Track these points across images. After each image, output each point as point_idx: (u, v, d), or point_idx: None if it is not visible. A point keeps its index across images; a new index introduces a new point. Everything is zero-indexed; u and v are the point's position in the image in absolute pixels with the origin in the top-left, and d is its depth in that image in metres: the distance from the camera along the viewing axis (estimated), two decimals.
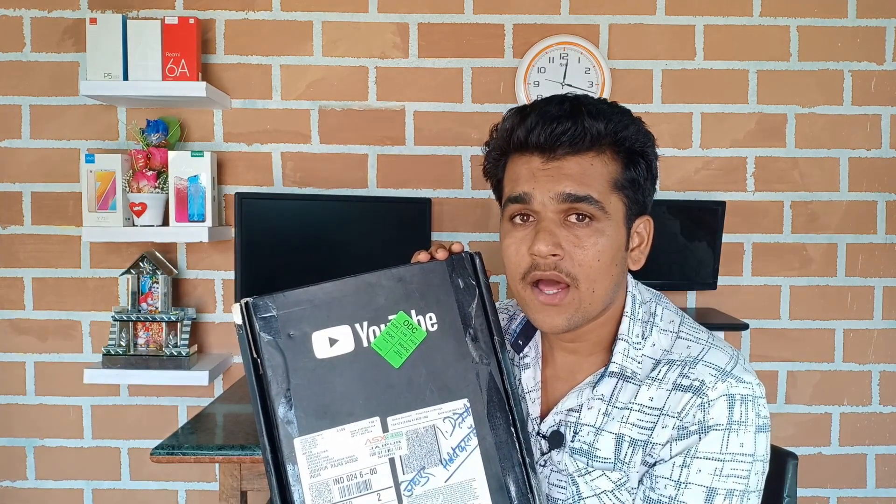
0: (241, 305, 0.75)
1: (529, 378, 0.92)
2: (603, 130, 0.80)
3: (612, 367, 0.85)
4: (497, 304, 0.97)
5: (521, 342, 0.94)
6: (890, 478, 2.00)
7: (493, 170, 0.90)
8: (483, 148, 0.92)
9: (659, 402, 0.82)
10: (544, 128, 0.80)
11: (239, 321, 0.75)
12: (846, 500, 2.00)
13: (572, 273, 0.80)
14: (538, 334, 0.94)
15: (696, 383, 0.80)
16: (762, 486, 0.81)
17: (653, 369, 0.84)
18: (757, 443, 0.79)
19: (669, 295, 1.96)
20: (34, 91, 1.90)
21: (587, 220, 0.80)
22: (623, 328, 0.86)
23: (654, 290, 0.93)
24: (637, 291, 0.90)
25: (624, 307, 0.88)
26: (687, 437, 0.79)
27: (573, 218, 0.80)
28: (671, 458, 0.80)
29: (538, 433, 0.89)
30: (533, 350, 0.93)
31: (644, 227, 0.87)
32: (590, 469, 0.84)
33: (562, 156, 0.80)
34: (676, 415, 0.80)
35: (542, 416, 0.90)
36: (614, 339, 0.87)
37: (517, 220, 0.83)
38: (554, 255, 0.79)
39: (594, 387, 0.86)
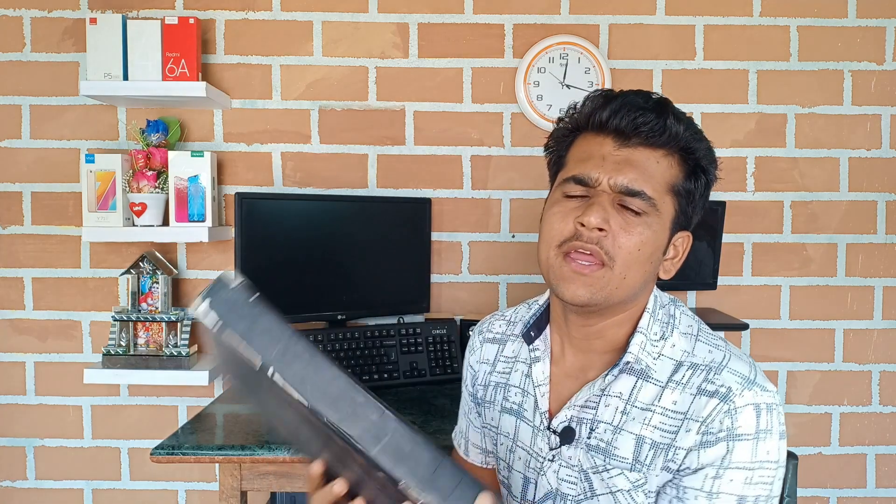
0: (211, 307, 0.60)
1: (539, 371, 0.93)
2: (681, 133, 0.82)
3: (628, 357, 0.85)
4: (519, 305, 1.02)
5: (532, 334, 0.95)
6: (890, 478, 2.00)
7: (558, 145, 0.91)
8: (555, 123, 0.92)
9: (683, 406, 0.82)
10: (628, 113, 0.82)
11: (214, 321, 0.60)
12: (846, 500, 2.01)
13: (612, 253, 0.81)
14: (548, 329, 0.95)
15: (723, 389, 0.80)
16: (780, 491, 0.82)
17: (675, 372, 0.84)
18: (780, 449, 0.80)
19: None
20: (34, 91, 1.90)
21: (638, 213, 0.82)
22: (643, 323, 0.87)
23: (671, 295, 0.94)
24: (658, 293, 0.91)
25: (645, 307, 0.88)
26: (714, 444, 0.79)
27: (626, 205, 0.82)
28: (700, 468, 0.79)
29: (549, 428, 0.89)
30: (542, 345, 0.94)
31: (682, 242, 0.89)
32: (608, 467, 0.84)
33: (635, 145, 0.82)
34: (701, 420, 0.80)
35: (551, 412, 0.91)
36: (629, 340, 0.87)
37: (570, 193, 0.85)
38: (601, 231, 0.80)
39: (606, 377, 0.86)
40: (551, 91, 1.89)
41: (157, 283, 1.80)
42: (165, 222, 1.80)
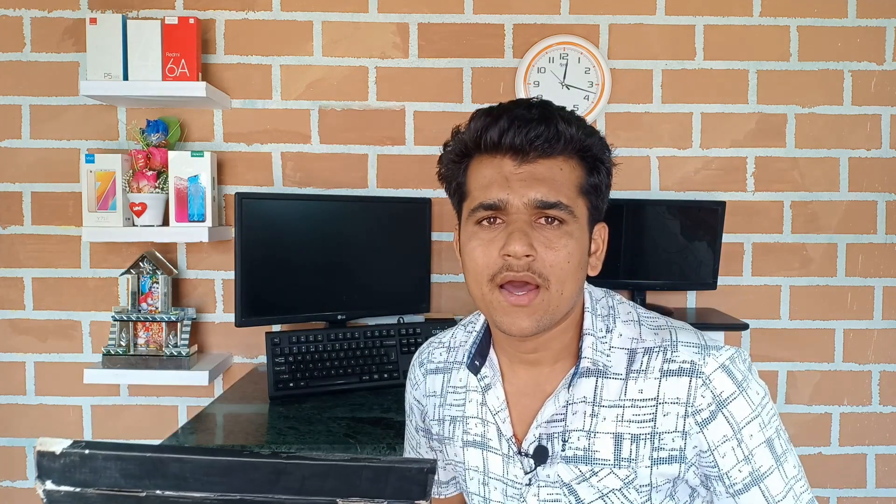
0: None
1: (494, 398, 0.90)
2: (575, 135, 0.81)
3: (585, 363, 0.84)
4: (463, 320, 0.99)
5: (477, 363, 0.92)
6: (890, 478, 2.00)
7: (453, 172, 0.89)
8: (441, 148, 0.90)
9: (651, 393, 0.82)
10: (519, 130, 0.80)
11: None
12: (846, 500, 2.01)
13: (544, 274, 0.79)
14: (492, 353, 0.92)
15: (687, 365, 0.82)
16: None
17: (631, 362, 0.84)
18: (759, 382, 0.84)
19: (669, 295, 1.97)
20: (34, 91, 1.90)
21: (557, 222, 0.80)
22: (587, 324, 0.86)
23: (601, 288, 0.94)
24: (590, 289, 0.90)
25: (584, 307, 0.88)
26: (712, 420, 0.80)
27: (543, 220, 0.80)
28: (716, 447, 0.80)
29: (519, 452, 0.87)
30: (489, 371, 0.91)
31: (600, 234, 0.89)
32: (595, 470, 0.83)
33: (534, 159, 0.80)
34: (680, 401, 0.80)
35: (517, 435, 0.89)
36: (578, 344, 0.87)
37: (484, 223, 0.82)
38: (528, 256, 0.78)
39: (569, 388, 0.85)
40: (551, 91, 1.89)
41: (157, 283, 1.80)
42: (165, 222, 1.80)
